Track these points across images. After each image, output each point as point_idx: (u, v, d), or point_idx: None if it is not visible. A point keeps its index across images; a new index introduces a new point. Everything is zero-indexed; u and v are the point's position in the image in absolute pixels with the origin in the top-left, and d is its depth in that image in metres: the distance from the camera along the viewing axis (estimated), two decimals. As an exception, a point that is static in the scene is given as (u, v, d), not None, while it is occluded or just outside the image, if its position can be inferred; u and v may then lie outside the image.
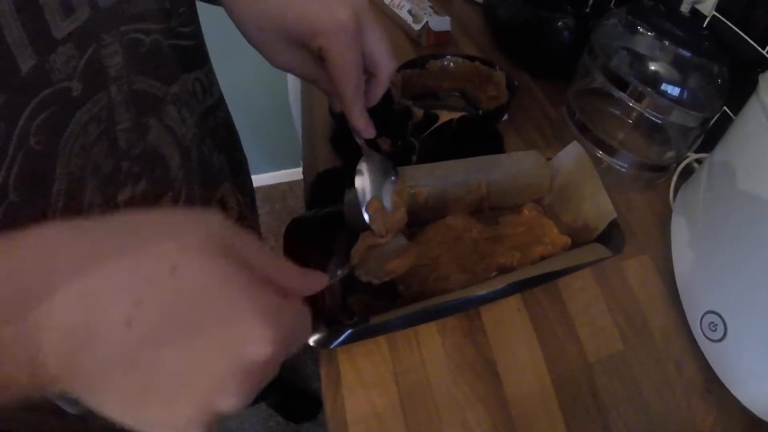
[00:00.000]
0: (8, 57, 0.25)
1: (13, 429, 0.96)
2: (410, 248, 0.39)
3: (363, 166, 0.40)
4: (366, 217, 0.39)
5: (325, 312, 0.37)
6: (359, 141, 0.40)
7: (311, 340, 0.35)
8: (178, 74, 0.40)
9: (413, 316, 0.36)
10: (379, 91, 0.39)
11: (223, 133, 0.50)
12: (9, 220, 0.26)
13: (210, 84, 0.46)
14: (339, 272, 0.36)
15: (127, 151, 0.35)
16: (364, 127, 0.38)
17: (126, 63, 0.33)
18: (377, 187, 0.40)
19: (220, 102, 0.50)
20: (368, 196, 0.39)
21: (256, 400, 1.10)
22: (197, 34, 0.42)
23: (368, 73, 0.38)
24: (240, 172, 0.56)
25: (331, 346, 0.35)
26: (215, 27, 0.52)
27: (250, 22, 0.35)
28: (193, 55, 0.42)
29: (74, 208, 0.30)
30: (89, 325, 0.18)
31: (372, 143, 0.50)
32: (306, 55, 0.36)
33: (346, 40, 0.33)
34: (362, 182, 0.39)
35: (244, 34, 0.37)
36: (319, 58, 0.35)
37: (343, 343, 0.35)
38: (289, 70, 0.38)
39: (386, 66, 0.37)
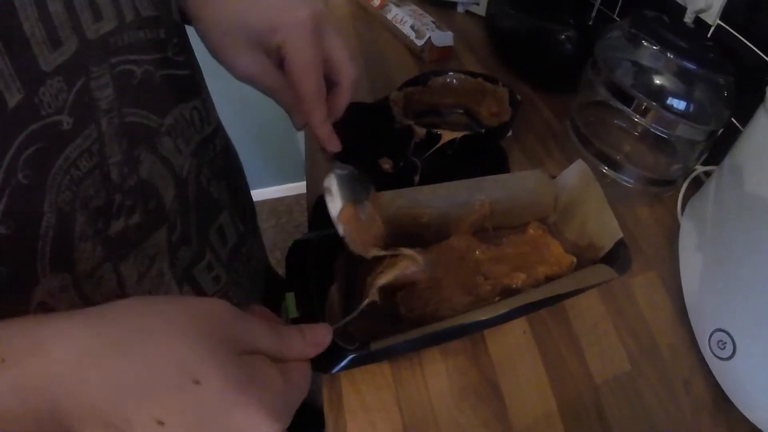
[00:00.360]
0: None
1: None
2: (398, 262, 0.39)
3: (332, 181, 0.38)
4: (339, 229, 0.37)
5: None
6: (324, 156, 0.39)
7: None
8: (173, 105, 0.39)
9: (415, 342, 0.36)
10: (342, 101, 0.38)
11: (221, 161, 0.49)
12: None
13: (207, 112, 0.45)
14: (346, 319, 0.36)
15: (120, 185, 0.34)
16: (326, 137, 0.38)
17: (117, 95, 0.33)
18: (348, 199, 0.38)
19: (218, 129, 0.49)
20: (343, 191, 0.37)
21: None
22: (192, 64, 0.42)
23: (331, 83, 0.38)
24: (240, 198, 0.55)
25: (333, 371, 0.35)
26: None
27: (214, 27, 0.36)
28: (189, 85, 0.42)
29: (64, 241, 0.30)
30: None
31: (374, 164, 0.50)
32: (265, 62, 0.37)
33: (305, 36, 0.34)
34: (332, 198, 0.37)
35: (207, 42, 0.37)
36: (279, 59, 0.36)
37: (344, 368, 0.35)
38: (249, 79, 0.38)
39: (348, 72, 0.37)
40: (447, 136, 0.46)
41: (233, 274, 0.49)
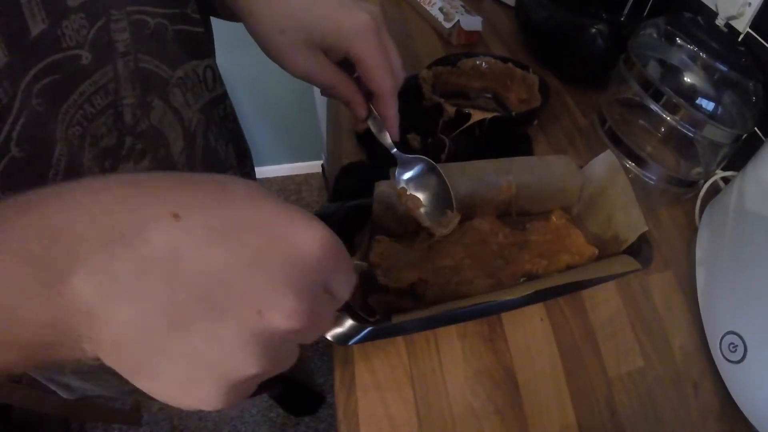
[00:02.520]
0: (19, 18, 0.25)
1: (15, 404, 0.96)
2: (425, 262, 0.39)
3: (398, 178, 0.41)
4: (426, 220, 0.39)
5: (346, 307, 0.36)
6: (388, 146, 0.40)
7: (329, 335, 0.34)
8: (185, 59, 0.40)
9: (436, 319, 0.35)
10: (387, 110, 0.39)
11: (230, 124, 0.50)
12: (10, 175, 0.26)
13: (219, 74, 0.46)
14: (362, 265, 0.36)
15: (132, 127, 0.35)
16: (396, 129, 0.39)
17: (133, 41, 0.34)
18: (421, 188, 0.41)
19: (226, 95, 0.50)
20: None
21: (259, 391, 1.11)
22: (208, 24, 0.43)
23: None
24: (246, 163, 0.56)
25: (350, 343, 0.34)
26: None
27: (272, 24, 0.35)
28: (204, 43, 0.42)
29: (74, 174, 0.30)
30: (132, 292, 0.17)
31: (402, 139, 0.49)
32: (324, 60, 0.36)
33: (373, 39, 0.34)
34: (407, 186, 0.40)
35: (260, 39, 0.37)
36: (346, 63, 0.36)
37: (363, 340, 0.34)
38: (308, 77, 0.38)
39: (398, 77, 0.38)
40: (477, 116, 0.46)
41: None
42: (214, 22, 0.47)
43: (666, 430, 0.41)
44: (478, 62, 0.57)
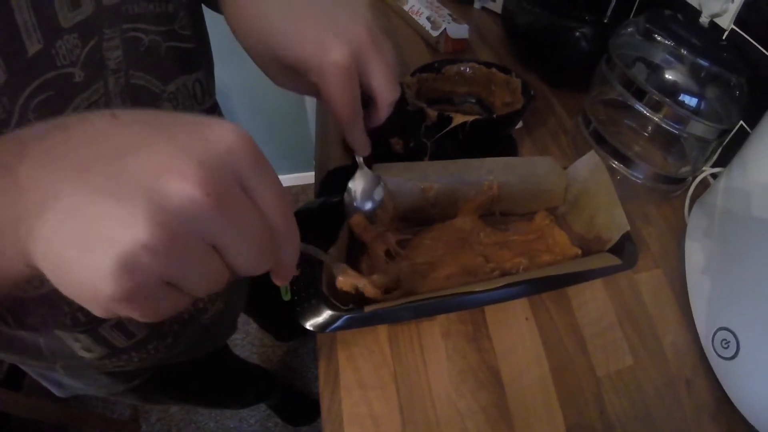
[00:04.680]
0: (17, 38, 0.27)
1: (14, 413, 0.96)
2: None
3: (356, 179, 0.42)
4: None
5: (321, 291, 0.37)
6: (357, 158, 0.41)
7: (308, 324, 0.34)
8: (176, 74, 0.41)
9: (409, 309, 0.36)
10: (378, 119, 0.38)
11: None
12: None
13: (208, 87, 0.47)
14: (315, 252, 0.36)
15: None
16: (359, 146, 0.38)
17: (125, 58, 0.35)
18: (365, 199, 0.42)
19: (216, 106, 0.50)
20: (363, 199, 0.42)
21: (255, 402, 1.10)
22: (198, 38, 0.43)
23: (369, 98, 0.37)
24: None
25: (327, 331, 0.35)
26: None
27: (251, 48, 0.35)
28: (193, 58, 0.43)
29: None
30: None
31: (384, 143, 0.50)
32: (303, 82, 0.35)
33: (339, 79, 0.32)
34: (351, 193, 0.42)
35: (250, 55, 0.36)
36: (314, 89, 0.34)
37: (341, 328, 0.35)
38: (291, 90, 0.38)
39: (385, 97, 0.36)
40: (458, 119, 0.46)
41: None
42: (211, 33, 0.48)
43: (659, 428, 0.41)
44: (462, 68, 0.57)
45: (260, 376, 1.07)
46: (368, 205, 0.42)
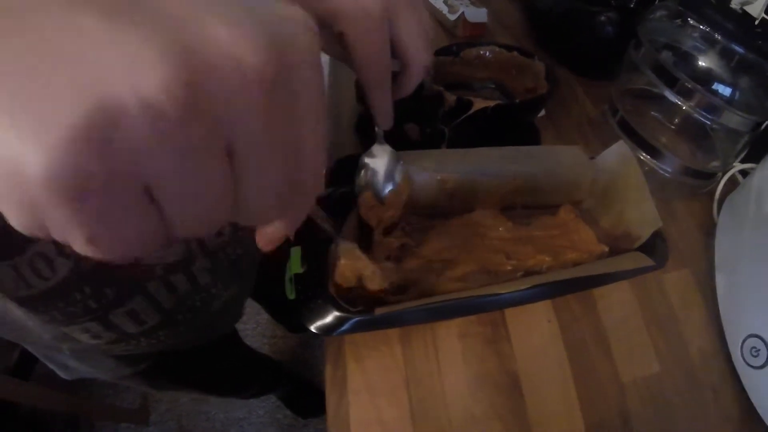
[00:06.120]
0: None
1: (23, 402, 0.97)
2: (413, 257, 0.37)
3: (372, 154, 0.38)
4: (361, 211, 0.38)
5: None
6: (377, 130, 0.38)
7: (314, 327, 0.32)
8: None
9: (422, 311, 0.33)
10: (408, 85, 0.35)
11: None
12: None
13: None
14: (322, 219, 0.34)
15: None
16: (383, 115, 0.35)
17: None
18: (381, 177, 0.39)
19: None
20: (380, 179, 0.38)
21: (264, 392, 1.10)
22: None
23: (400, 63, 0.35)
24: None
25: (335, 334, 0.32)
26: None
27: None
28: None
29: None
30: None
31: (399, 130, 0.47)
32: (331, 36, 0.33)
33: (368, 28, 0.30)
34: (368, 170, 0.38)
35: None
36: (341, 42, 0.32)
37: (348, 331, 0.32)
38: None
39: (417, 59, 0.33)
40: (479, 104, 0.43)
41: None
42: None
43: (684, 437, 0.39)
44: (482, 52, 0.54)
45: (269, 366, 1.06)
46: (383, 184, 0.38)
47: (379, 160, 0.38)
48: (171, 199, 0.13)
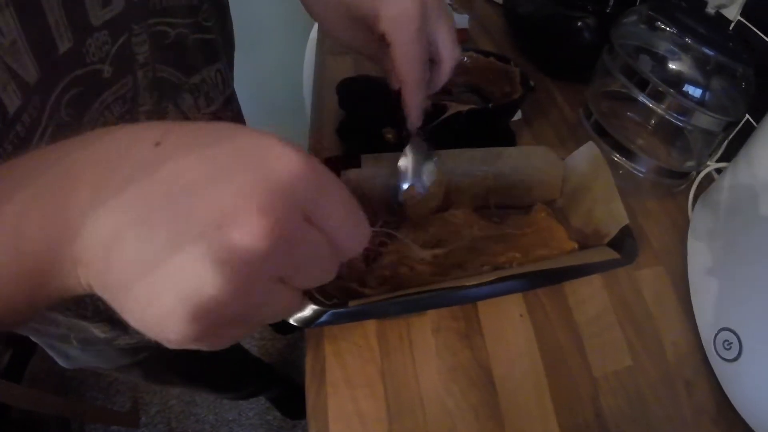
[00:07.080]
0: (48, 38, 0.27)
1: (14, 404, 0.97)
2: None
3: (408, 151, 0.42)
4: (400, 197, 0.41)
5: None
6: (410, 128, 0.40)
7: (292, 319, 0.33)
8: (200, 66, 0.42)
9: (399, 304, 0.35)
10: (441, 80, 0.39)
11: (239, 122, 0.51)
12: None
13: (228, 76, 0.48)
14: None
15: None
16: (416, 113, 0.39)
17: (152, 52, 0.36)
18: (420, 172, 0.42)
19: (234, 94, 0.52)
20: (409, 177, 0.42)
21: (256, 393, 1.10)
22: (220, 29, 0.44)
23: (430, 61, 0.38)
24: None
25: (312, 326, 0.34)
26: (234, 20, 0.52)
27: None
28: (215, 48, 0.44)
29: None
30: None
31: (377, 133, 0.48)
32: (369, 35, 0.36)
33: (411, 29, 0.33)
34: (405, 163, 0.41)
35: (309, 9, 0.38)
36: (382, 42, 0.35)
37: (325, 323, 0.34)
38: (351, 48, 0.39)
39: (450, 56, 0.37)
40: (454, 108, 0.45)
41: None
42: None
43: (657, 430, 0.40)
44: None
45: (259, 367, 1.07)
46: (422, 179, 0.41)
47: (412, 158, 0.41)
48: (252, 318, 0.20)
